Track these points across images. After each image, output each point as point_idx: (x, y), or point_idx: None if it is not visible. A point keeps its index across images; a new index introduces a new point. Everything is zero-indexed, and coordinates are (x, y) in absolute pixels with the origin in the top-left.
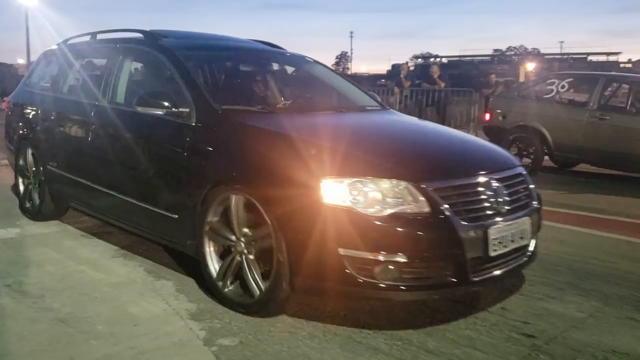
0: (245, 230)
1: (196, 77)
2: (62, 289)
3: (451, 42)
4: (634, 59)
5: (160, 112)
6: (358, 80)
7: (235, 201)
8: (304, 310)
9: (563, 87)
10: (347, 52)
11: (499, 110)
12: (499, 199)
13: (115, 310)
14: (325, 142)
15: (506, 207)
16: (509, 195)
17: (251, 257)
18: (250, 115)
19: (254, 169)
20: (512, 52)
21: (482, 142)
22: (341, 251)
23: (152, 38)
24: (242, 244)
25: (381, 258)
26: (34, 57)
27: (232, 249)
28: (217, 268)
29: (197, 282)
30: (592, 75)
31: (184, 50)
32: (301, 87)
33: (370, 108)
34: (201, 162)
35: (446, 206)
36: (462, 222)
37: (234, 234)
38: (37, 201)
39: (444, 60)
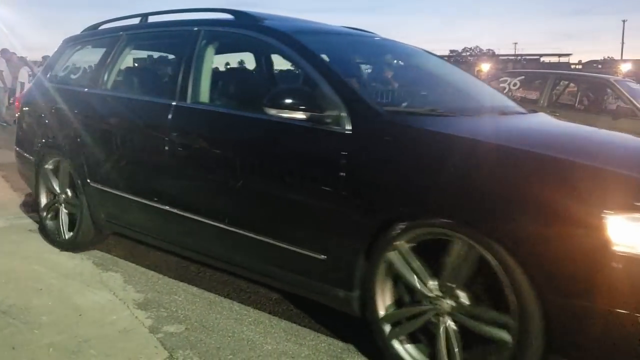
0: (459, 291)
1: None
2: (6, 282)
3: (409, 43)
4: (584, 60)
5: (303, 116)
6: None
7: (453, 245)
8: (252, 297)
9: (515, 85)
10: None
11: None
12: None
13: (60, 302)
14: (572, 157)
15: None
16: None
17: (453, 325)
18: (428, 120)
19: (476, 197)
20: (468, 53)
21: None
22: None
23: (252, 19)
24: (446, 304)
25: None
26: None
27: (424, 302)
28: (390, 310)
29: (146, 273)
30: (543, 73)
31: (302, 35)
32: (428, 82)
33: (520, 111)
34: (370, 183)
35: None
36: None
37: (436, 281)
38: (65, 226)
39: None
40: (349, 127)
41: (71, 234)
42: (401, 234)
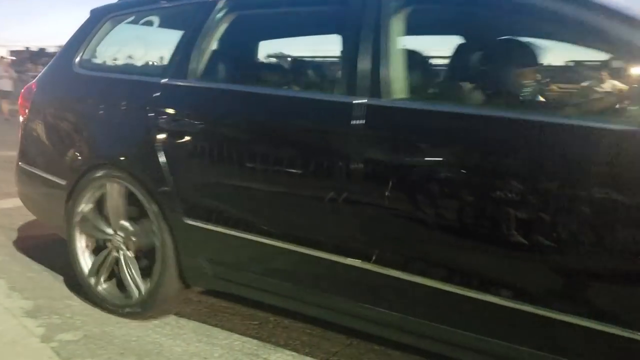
0: None
1: None
2: None
3: None
4: None
5: None
6: None
7: None
8: None
9: None
10: None
11: None
12: None
13: None
14: None
15: None
16: None
17: None
18: None
19: None
20: None
21: None
22: None
23: None
24: None
25: None
26: None
27: None
28: None
29: (34, 279)
30: None
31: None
32: None
33: None
34: None
35: None
36: None
37: None
38: (136, 283)
39: None
40: None
41: (137, 292)
42: None
